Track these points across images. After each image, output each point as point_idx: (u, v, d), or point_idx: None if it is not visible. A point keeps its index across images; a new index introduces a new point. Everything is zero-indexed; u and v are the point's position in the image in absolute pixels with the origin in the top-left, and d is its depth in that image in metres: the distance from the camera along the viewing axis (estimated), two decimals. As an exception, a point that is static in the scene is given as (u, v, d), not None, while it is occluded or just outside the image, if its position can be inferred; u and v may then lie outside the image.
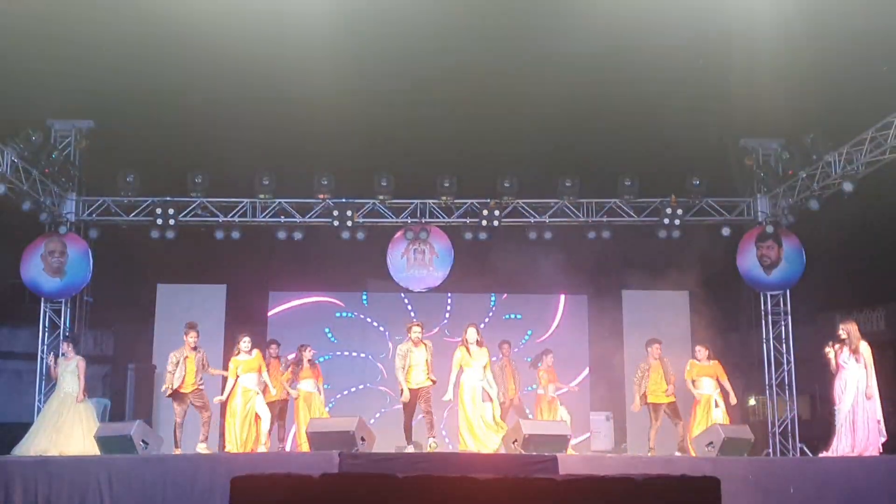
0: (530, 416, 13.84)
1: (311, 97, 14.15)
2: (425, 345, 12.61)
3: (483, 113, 14.83)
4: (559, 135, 14.73)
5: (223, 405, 12.88)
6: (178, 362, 12.39)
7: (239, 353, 12.73)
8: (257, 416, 12.65)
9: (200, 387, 12.47)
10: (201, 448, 12.38)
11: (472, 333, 12.63)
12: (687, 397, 13.37)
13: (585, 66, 13.41)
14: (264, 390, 12.89)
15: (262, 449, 12.51)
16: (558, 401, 14.18)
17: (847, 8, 11.66)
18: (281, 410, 13.57)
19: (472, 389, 12.48)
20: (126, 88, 14.10)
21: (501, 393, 13.37)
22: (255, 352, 12.86)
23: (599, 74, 13.79)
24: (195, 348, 12.54)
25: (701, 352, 13.35)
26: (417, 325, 12.71)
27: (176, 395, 12.36)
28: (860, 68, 12.94)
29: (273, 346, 13.93)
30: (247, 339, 12.80)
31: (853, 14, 11.79)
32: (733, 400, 13.28)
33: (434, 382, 12.51)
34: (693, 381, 13.21)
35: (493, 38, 13.96)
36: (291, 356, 13.98)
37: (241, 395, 12.59)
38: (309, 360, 13.72)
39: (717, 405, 13.01)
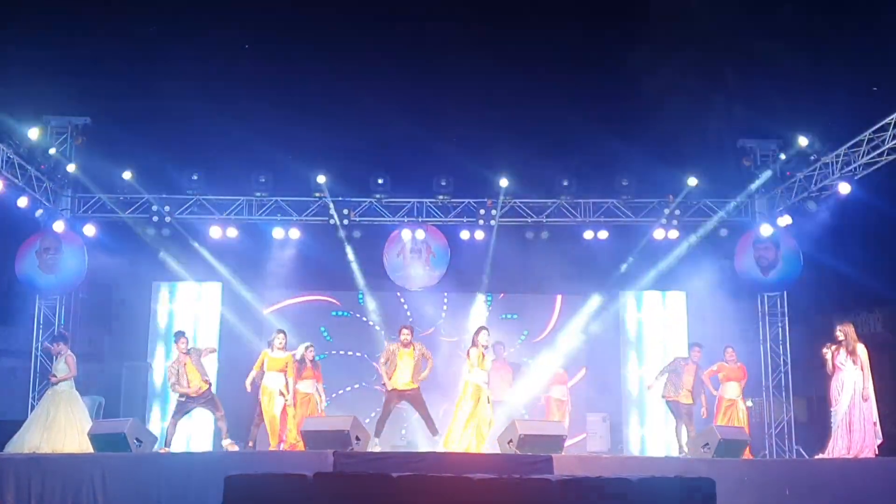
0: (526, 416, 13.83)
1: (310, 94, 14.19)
2: (414, 347, 12.60)
3: (482, 112, 14.87)
4: (556, 134, 14.74)
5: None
6: (178, 372, 12.40)
7: (272, 348, 12.71)
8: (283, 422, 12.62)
9: (207, 384, 12.43)
10: (226, 444, 12.32)
11: (485, 336, 12.62)
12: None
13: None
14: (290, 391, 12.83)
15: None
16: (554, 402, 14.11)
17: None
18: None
19: (478, 390, 12.45)
20: (122, 85, 14.08)
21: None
22: (288, 353, 12.80)
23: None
24: (187, 353, 12.51)
25: (730, 354, 13.38)
26: (407, 328, 12.81)
27: (183, 401, 12.39)
28: (859, 70, 12.95)
29: (310, 349, 13.86)
30: (281, 336, 12.78)
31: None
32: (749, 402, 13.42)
33: (417, 387, 12.48)
34: (721, 383, 13.30)
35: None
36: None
37: (263, 392, 12.59)
38: (310, 360, 13.66)
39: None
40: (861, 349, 11.72)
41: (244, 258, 16.27)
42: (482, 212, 15.74)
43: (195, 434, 15.67)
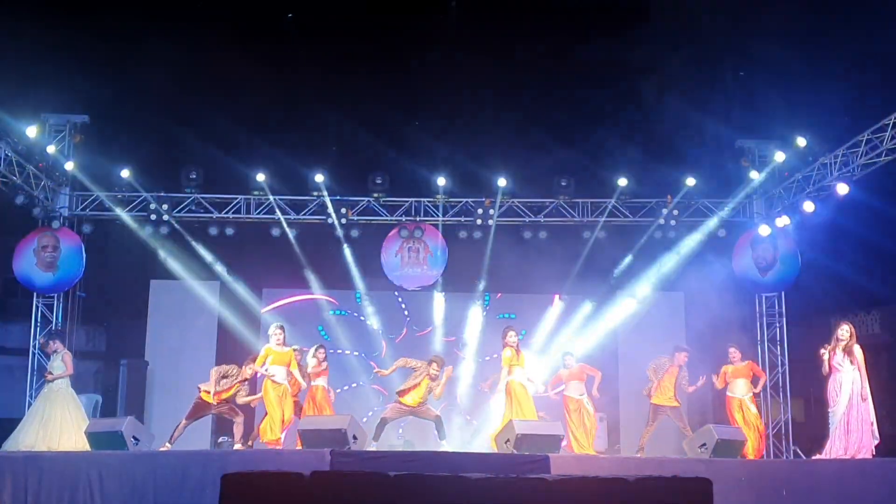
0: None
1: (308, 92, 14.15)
2: (437, 382, 12.52)
3: (481, 111, 14.86)
4: (555, 134, 14.74)
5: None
6: (226, 377, 12.22)
7: (274, 343, 12.42)
8: (294, 408, 12.58)
9: (229, 402, 12.32)
10: (237, 447, 12.26)
11: (513, 337, 12.66)
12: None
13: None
14: (293, 384, 12.60)
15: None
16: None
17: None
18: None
19: (523, 388, 12.50)
20: (120, 83, 14.07)
21: None
22: (290, 348, 12.58)
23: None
24: (246, 381, 12.36)
25: (733, 353, 13.28)
26: (438, 362, 12.63)
27: (201, 404, 12.26)
28: (857, 70, 12.96)
29: (321, 350, 13.81)
30: (280, 331, 12.47)
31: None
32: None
33: (418, 405, 12.49)
34: (727, 384, 13.22)
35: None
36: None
37: (272, 389, 12.32)
38: (321, 360, 13.65)
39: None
40: (858, 350, 11.72)
41: (242, 257, 16.26)
42: (480, 211, 15.74)
43: (193, 432, 15.67)
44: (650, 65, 15.16)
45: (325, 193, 15.57)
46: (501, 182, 15.45)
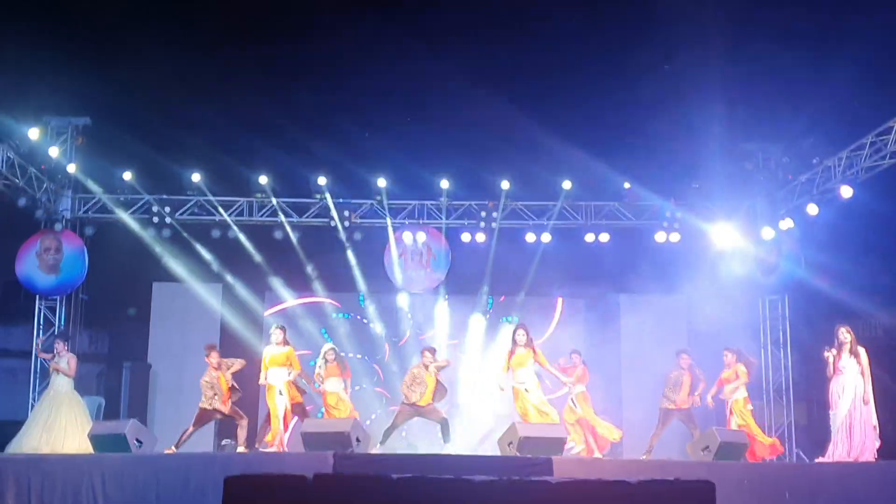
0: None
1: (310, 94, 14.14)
2: (431, 370, 12.60)
3: (483, 114, 14.84)
4: (557, 137, 14.72)
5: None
6: (213, 386, 12.19)
7: (272, 343, 12.45)
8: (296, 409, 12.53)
9: (233, 400, 12.32)
10: (241, 451, 12.24)
11: (521, 336, 12.58)
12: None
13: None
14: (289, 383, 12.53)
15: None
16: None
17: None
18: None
19: (523, 392, 12.45)
20: (122, 85, 14.07)
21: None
22: (289, 348, 12.55)
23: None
24: (218, 367, 12.33)
25: (727, 357, 13.24)
26: (428, 351, 12.80)
27: (207, 412, 12.20)
28: (861, 72, 12.93)
29: (329, 352, 13.78)
30: (278, 329, 12.50)
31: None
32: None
33: (427, 404, 12.49)
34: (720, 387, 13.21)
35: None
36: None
37: (267, 390, 12.38)
38: (332, 360, 13.61)
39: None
40: (863, 352, 11.71)
41: (244, 259, 16.26)
42: (483, 214, 15.75)
43: (196, 434, 15.67)
44: (653, 66, 15.12)
45: (328, 196, 15.57)
46: (504, 185, 15.45)
